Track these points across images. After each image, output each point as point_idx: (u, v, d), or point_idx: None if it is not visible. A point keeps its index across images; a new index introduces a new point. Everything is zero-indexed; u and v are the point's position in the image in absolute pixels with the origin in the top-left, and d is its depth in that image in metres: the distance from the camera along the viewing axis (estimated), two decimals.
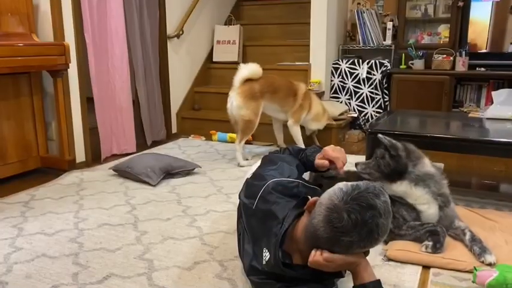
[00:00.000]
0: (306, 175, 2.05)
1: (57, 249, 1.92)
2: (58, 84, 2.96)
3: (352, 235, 1.18)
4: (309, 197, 1.35)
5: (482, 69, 3.85)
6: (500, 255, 1.75)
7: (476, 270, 1.56)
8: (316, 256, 1.24)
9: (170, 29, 4.12)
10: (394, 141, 1.91)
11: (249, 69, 3.18)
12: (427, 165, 1.93)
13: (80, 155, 3.25)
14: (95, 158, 3.36)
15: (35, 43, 2.82)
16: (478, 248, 1.77)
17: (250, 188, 1.63)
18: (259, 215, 1.46)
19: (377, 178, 1.93)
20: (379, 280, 1.25)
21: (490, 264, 1.69)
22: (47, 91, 3.14)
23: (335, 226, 1.18)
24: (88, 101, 3.29)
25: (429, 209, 1.87)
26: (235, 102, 3.14)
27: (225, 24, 4.96)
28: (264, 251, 1.38)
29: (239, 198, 1.70)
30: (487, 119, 2.68)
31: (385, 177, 1.91)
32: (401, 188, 1.88)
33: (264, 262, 1.36)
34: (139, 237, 2.03)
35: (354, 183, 1.24)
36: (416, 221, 1.88)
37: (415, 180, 1.86)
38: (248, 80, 3.16)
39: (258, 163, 1.86)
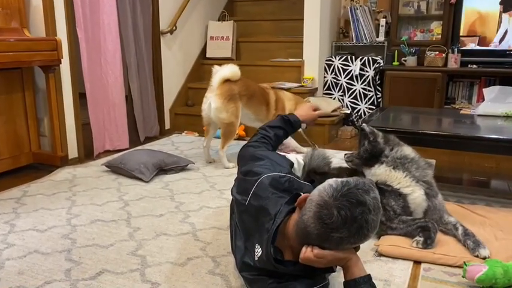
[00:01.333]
0: (298, 170, 2.07)
1: (50, 246, 1.92)
2: (50, 79, 2.94)
3: (342, 231, 1.18)
4: (301, 193, 1.35)
5: (474, 66, 3.88)
6: (490, 250, 1.77)
7: (466, 265, 1.59)
8: (307, 253, 1.25)
9: (163, 24, 4.11)
10: (375, 129, 2.03)
11: (229, 70, 3.05)
12: (406, 150, 2.01)
13: (73, 151, 3.24)
14: (87, 154, 3.35)
15: (27, 38, 2.80)
16: (471, 242, 1.79)
17: (242, 183, 1.63)
18: (252, 211, 1.47)
19: (357, 164, 2.07)
20: (369, 275, 1.27)
21: (484, 258, 1.71)
22: (39, 87, 3.12)
23: (325, 223, 1.19)
24: (80, 97, 3.27)
25: (414, 193, 1.91)
26: (214, 105, 3.01)
27: (219, 20, 4.95)
28: (256, 247, 1.38)
29: (231, 194, 1.71)
30: (478, 115, 2.71)
31: (365, 162, 2.03)
32: (379, 170, 1.97)
33: (256, 258, 1.37)
34: (132, 234, 2.04)
35: (344, 179, 1.25)
36: (404, 210, 1.91)
37: (393, 163, 1.96)
38: (226, 81, 3.05)
39: None
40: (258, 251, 1.36)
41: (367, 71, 4.13)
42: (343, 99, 4.28)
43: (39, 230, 2.08)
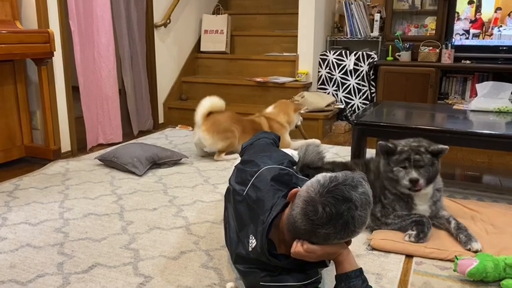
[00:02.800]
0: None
1: (42, 239, 1.91)
2: (42, 72, 2.92)
3: (328, 228, 1.19)
4: (299, 187, 1.35)
5: (468, 61, 3.90)
6: (481, 244, 1.79)
7: (457, 259, 1.60)
8: (297, 247, 1.26)
9: (157, 17, 4.08)
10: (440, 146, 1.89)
11: (208, 102, 3.08)
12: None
13: (66, 145, 3.22)
14: (80, 147, 3.34)
15: (19, 30, 2.77)
16: (464, 236, 1.81)
17: (241, 174, 1.63)
18: (249, 202, 1.47)
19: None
20: (360, 268, 1.27)
21: (476, 251, 1.73)
22: (31, 79, 3.09)
23: (311, 219, 1.20)
24: (73, 90, 3.25)
25: (422, 206, 1.93)
26: (206, 142, 3.05)
27: (213, 14, 4.93)
28: (251, 237, 1.39)
29: (229, 183, 1.70)
30: (471, 111, 2.72)
31: (428, 182, 1.89)
32: (429, 189, 1.91)
33: (250, 249, 1.37)
34: (125, 227, 2.03)
35: (333, 174, 1.24)
36: (405, 210, 1.92)
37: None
38: (210, 114, 3.07)
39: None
40: (252, 241, 1.37)
41: (361, 66, 4.13)
42: (337, 94, 4.28)
43: (32, 224, 2.07)
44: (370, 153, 2.63)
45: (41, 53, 2.83)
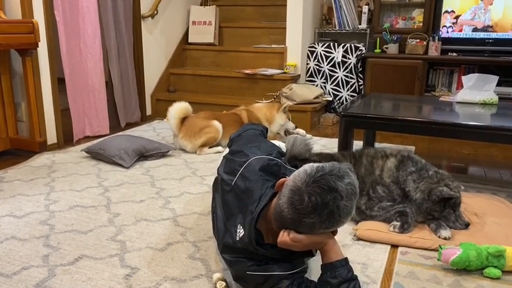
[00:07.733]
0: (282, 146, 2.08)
1: (27, 232, 1.89)
2: (27, 63, 2.87)
3: (313, 217, 1.20)
4: (287, 177, 1.36)
5: (454, 54, 3.93)
6: (464, 234, 1.82)
7: (441, 248, 1.62)
8: (284, 236, 1.27)
9: (144, 8, 4.04)
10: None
11: (175, 111, 3.09)
12: None
13: (52, 137, 3.19)
14: (67, 139, 3.30)
15: (2, 20, 2.72)
16: (434, 224, 1.86)
17: (230, 164, 1.63)
18: (237, 192, 1.47)
19: None
20: (346, 258, 1.29)
21: (445, 239, 1.78)
22: (15, 71, 3.05)
23: (297, 208, 1.21)
24: (59, 82, 3.21)
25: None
26: (187, 148, 3.10)
27: (201, 5, 4.89)
28: (239, 227, 1.39)
29: (217, 173, 1.71)
30: (457, 103, 2.75)
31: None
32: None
33: (237, 238, 1.38)
34: (112, 219, 2.02)
35: (320, 164, 1.26)
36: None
37: None
38: (185, 119, 3.12)
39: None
40: (240, 231, 1.37)
41: (349, 58, 4.14)
42: (325, 86, 4.29)
43: (17, 216, 2.05)
44: (357, 145, 2.65)
45: (25, 43, 2.79)
